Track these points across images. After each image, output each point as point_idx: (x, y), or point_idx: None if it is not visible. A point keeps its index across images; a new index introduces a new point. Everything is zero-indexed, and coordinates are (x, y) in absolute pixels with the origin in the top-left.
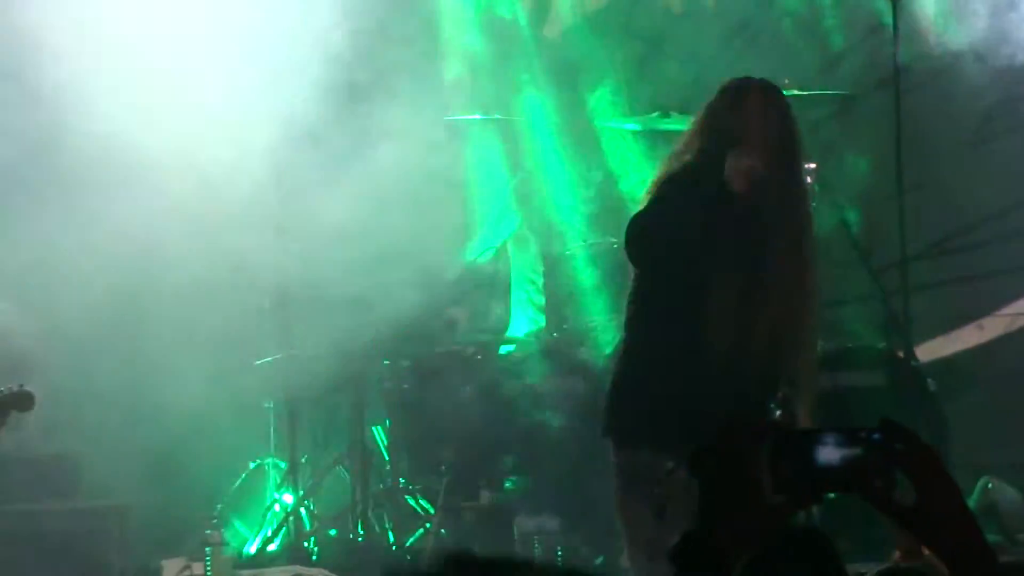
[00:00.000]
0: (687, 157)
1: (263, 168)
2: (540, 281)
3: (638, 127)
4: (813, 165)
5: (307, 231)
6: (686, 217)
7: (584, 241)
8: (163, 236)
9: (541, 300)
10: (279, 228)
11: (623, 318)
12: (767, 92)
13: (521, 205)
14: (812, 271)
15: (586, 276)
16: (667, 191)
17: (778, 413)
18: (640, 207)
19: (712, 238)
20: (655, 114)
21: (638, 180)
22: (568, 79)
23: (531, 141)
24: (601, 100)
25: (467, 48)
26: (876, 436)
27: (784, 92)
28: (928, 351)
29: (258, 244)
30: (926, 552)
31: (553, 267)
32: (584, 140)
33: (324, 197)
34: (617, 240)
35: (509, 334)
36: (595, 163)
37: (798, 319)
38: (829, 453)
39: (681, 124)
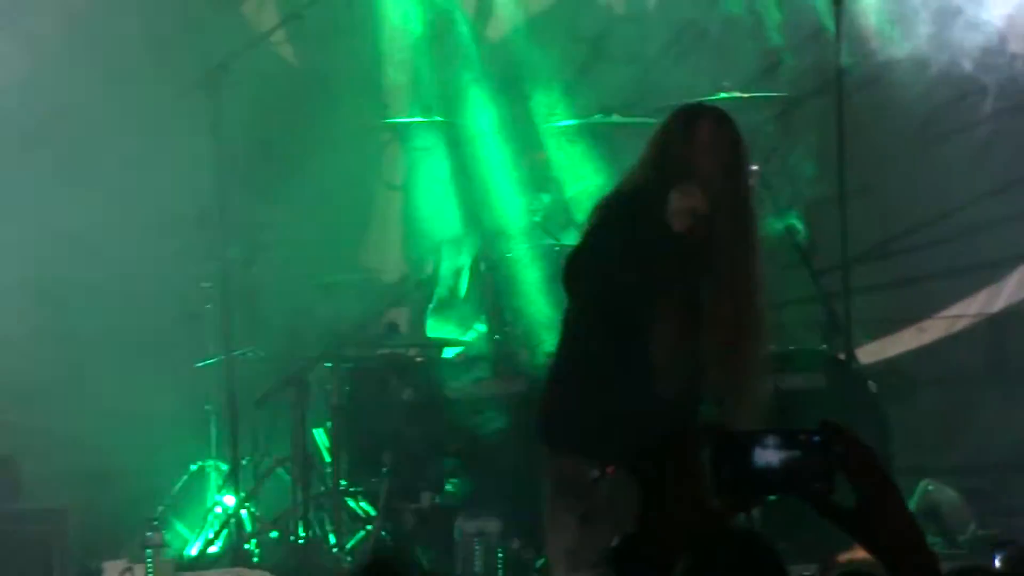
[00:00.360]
0: (637, 178)
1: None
2: (482, 283)
3: (582, 127)
4: (755, 168)
5: (248, 234)
6: (623, 255)
7: (526, 243)
8: (101, 236)
9: (483, 303)
10: (224, 231)
11: (559, 327)
12: (720, 124)
13: (464, 207)
14: (758, 299)
15: (528, 278)
16: (607, 221)
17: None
18: (582, 233)
19: (649, 275)
20: (598, 115)
21: (582, 180)
22: (512, 81)
23: (474, 143)
24: (545, 101)
25: (408, 50)
26: (816, 438)
27: (725, 95)
28: (869, 353)
29: (198, 246)
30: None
31: (495, 269)
32: (528, 141)
33: (264, 202)
34: (559, 243)
35: (451, 337)
36: (539, 165)
37: (741, 347)
38: (769, 455)
39: (624, 124)
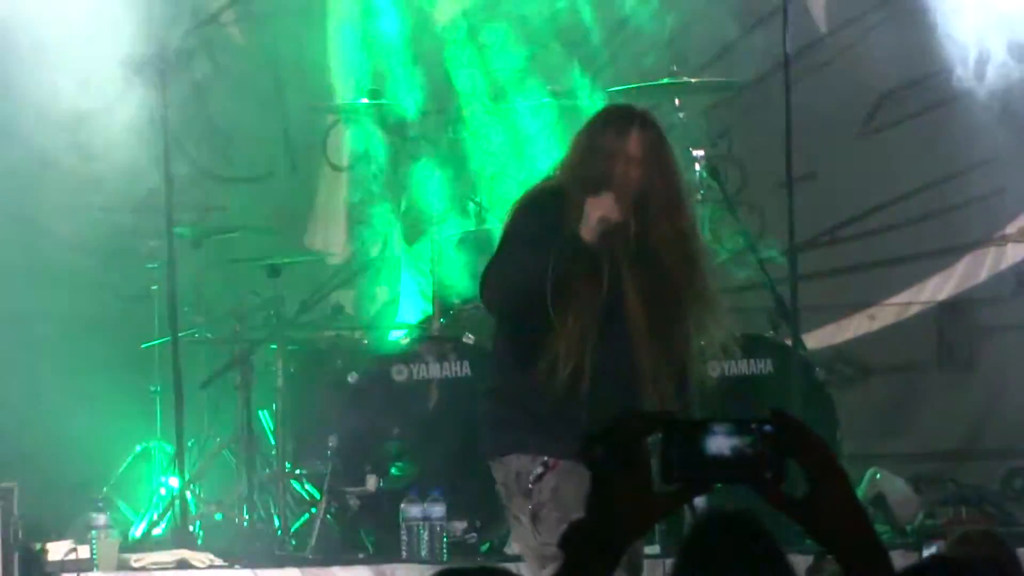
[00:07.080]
0: (560, 178)
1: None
2: (428, 266)
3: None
4: (701, 153)
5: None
6: (533, 267)
7: (471, 226)
8: (47, 217)
9: (428, 285)
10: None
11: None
12: (645, 129)
13: (409, 189)
14: (709, 290)
15: (474, 262)
16: (521, 229)
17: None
18: (496, 246)
19: (560, 284)
20: (543, 99)
21: (531, 164)
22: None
23: (423, 126)
24: (493, 84)
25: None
26: (767, 427)
27: (673, 81)
28: (818, 339)
29: (145, 226)
30: None
31: (441, 252)
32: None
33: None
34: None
35: (397, 320)
36: (489, 147)
37: (672, 352)
38: (719, 443)
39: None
